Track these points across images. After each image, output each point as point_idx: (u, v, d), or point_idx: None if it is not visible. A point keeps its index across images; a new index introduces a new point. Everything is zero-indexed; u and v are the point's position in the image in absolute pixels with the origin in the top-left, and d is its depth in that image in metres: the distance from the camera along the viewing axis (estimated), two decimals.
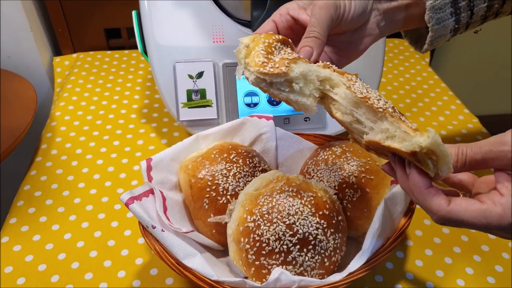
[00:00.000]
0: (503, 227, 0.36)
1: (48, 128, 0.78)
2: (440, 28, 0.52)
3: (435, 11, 0.50)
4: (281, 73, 0.41)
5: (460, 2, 0.50)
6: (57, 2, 0.94)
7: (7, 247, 0.58)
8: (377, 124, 0.40)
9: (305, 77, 0.43)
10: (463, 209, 0.37)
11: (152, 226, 0.46)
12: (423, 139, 0.36)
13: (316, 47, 0.46)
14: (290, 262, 0.46)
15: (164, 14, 0.70)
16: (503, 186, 0.37)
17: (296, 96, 0.43)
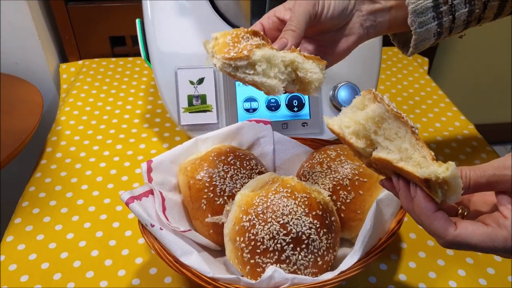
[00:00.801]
0: (508, 249, 0.37)
1: (53, 132, 0.80)
2: (423, 32, 0.53)
3: (417, 15, 0.51)
4: (243, 56, 0.44)
5: (442, 6, 0.51)
6: (64, 11, 0.96)
7: (12, 246, 0.60)
8: (395, 143, 0.40)
9: (269, 60, 0.45)
10: (470, 233, 0.37)
11: (151, 225, 0.47)
12: (441, 170, 0.35)
13: (291, 39, 0.48)
14: (284, 260, 0.48)
15: (166, 22, 0.71)
16: (506, 208, 0.38)
17: (261, 78, 0.45)
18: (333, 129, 0.42)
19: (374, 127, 0.40)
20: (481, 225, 0.38)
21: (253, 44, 0.45)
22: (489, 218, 0.38)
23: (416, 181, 0.38)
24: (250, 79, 0.45)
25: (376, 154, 0.40)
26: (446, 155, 0.77)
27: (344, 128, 0.41)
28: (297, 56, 0.46)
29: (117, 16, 1.00)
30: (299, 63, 0.46)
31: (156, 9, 0.72)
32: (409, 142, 0.39)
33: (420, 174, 0.36)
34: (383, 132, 0.40)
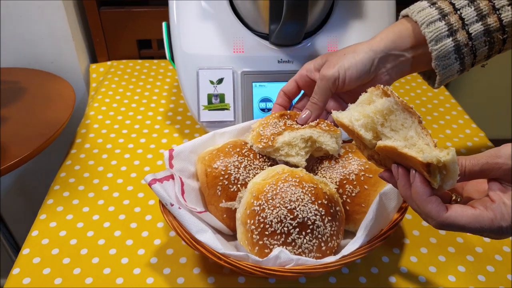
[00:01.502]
0: (494, 229, 0.41)
1: (83, 125, 0.86)
2: (447, 72, 0.57)
3: (440, 59, 0.56)
4: (268, 146, 0.58)
5: (463, 48, 0.55)
6: (96, 15, 1.03)
7: (45, 223, 0.65)
8: (401, 132, 0.43)
9: (289, 144, 0.59)
10: (459, 214, 0.41)
11: (171, 204, 0.52)
12: (443, 154, 0.39)
13: (313, 111, 0.60)
14: (290, 243, 0.52)
15: (190, 26, 0.76)
16: (495, 193, 0.41)
17: (286, 158, 0.59)
18: (342, 122, 0.47)
19: (381, 119, 0.45)
20: (470, 208, 0.41)
21: (275, 132, 0.59)
22: (478, 202, 0.42)
23: (418, 167, 0.41)
24: (280, 158, 0.60)
25: (382, 143, 0.44)
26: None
27: (354, 121, 0.46)
28: (313, 132, 0.59)
29: (144, 21, 1.06)
30: (315, 138, 0.59)
31: (181, 13, 0.77)
32: (415, 131, 0.43)
33: (423, 158, 0.39)
34: (390, 123, 0.44)
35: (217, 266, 0.59)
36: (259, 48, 0.75)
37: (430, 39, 0.55)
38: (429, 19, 0.55)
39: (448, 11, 0.55)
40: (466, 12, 0.54)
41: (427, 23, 0.55)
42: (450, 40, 0.55)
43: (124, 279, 0.57)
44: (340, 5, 0.78)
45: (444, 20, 0.55)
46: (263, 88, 0.75)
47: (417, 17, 0.56)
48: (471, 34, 0.54)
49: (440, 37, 0.55)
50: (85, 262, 0.60)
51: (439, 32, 0.55)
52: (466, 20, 0.54)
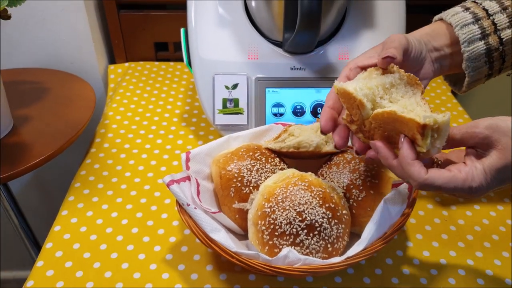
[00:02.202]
0: (465, 189, 0.46)
1: (101, 125, 0.90)
2: (476, 74, 0.60)
3: (471, 61, 0.58)
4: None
5: (493, 52, 0.58)
6: (116, 18, 1.06)
7: (66, 219, 0.69)
8: (400, 102, 0.48)
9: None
10: (436, 176, 0.46)
11: (187, 204, 0.55)
12: (440, 116, 0.44)
13: (398, 53, 0.52)
14: (298, 244, 0.55)
15: (207, 32, 0.79)
16: (469, 158, 0.47)
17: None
18: (347, 89, 0.49)
19: (382, 92, 0.50)
20: (446, 171, 0.47)
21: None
22: (454, 166, 0.47)
23: (412, 130, 0.45)
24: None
25: (381, 110, 0.47)
26: None
27: (359, 89, 0.49)
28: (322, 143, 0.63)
29: (162, 24, 1.09)
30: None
31: (199, 19, 0.80)
32: (415, 100, 0.48)
33: (423, 119, 0.43)
34: (390, 96, 0.49)
35: (229, 263, 0.62)
36: (273, 55, 0.79)
37: (463, 40, 0.57)
38: (463, 22, 0.57)
39: (481, 16, 0.57)
40: (498, 18, 0.57)
41: (461, 25, 0.57)
42: (482, 43, 0.57)
43: (141, 274, 0.61)
44: (352, 15, 0.81)
45: (478, 24, 0.57)
46: (276, 94, 0.78)
47: (451, 19, 0.58)
48: (502, 39, 0.57)
49: (473, 39, 0.57)
50: (105, 257, 0.63)
51: (472, 34, 0.57)
52: (498, 26, 0.57)
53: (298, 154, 0.64)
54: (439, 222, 0.71)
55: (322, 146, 0.64)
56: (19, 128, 0.79)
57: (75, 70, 1.05)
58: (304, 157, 0.67)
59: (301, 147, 0.63)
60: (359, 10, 0.81)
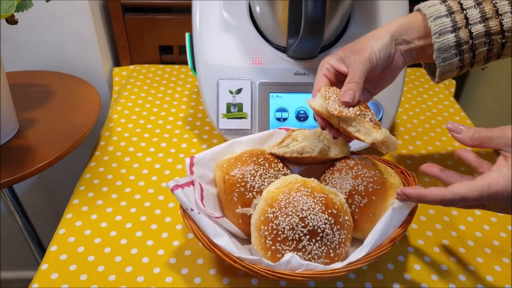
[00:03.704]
0: (491, 195, 0.47)
1: (106, 128, 0.91)
2: (446, 65, 0.62)
3: (441, 52, 0.61)
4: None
5: (463, 45, 0.60)
6: (121, 21, 1.07)
7: (71, 222, 0.70)
8: (354, 124, 0.59)
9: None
10: (457, 187, 0.49)
11: (191, 209, 0.56)
12: (378, 134, 0.57)
13: (357, 90, 0.60)
14: (301, 249, 0.55)
15: (212, 37, 0.80)
16: (496, 164, 0.48)
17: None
18: (315, 108, 0.61)
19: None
20: (468, 180, 0.51)
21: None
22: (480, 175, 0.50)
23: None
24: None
25: (341, 126, 0.61)
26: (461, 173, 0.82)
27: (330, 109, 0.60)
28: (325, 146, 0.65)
29: (167, 28, 1.10)
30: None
31: (204, 24, 0.81)
32: (356, 122, 0.59)
33: (368, 141, 0.58)
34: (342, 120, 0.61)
35: (232, 268, 0.63)
36: (277, 60, 0.79)
37: (434, 32, 0.60)
38: (436, 14, 0.60)
39: (455, 10, 0.59)
40: (471, 12, 0.59)
41: (434, 17, 0.60)
42: (453, 36, 0.59)
43: (145, 278, 0.61)
44: (355, 20, 0.81)
45: (450, 17, 0.59)
46: (280, 98, 0.79)
47: (426, 11, 0.61)
48: (472, 33, 0.59)
49: (443, 31, 0.59)
50: (109, 260, 0.64)
51: (444, 27, 0.59)
52: (470, 20, 0.59)
53: (302, 159, 0.65)
54: (440, 228, 0.71)
55: (325, 151, 0.64)
56: (25, 131, 0.80)
57: (81, 73, 1.06)
58: (307, 163, 0.67)
59: (305, 152, 0.64)
60: (362, 15, 0.82)
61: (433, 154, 0.87)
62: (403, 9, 0.82)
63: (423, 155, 0.87)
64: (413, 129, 0.95)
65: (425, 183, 0.80)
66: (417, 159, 0.86)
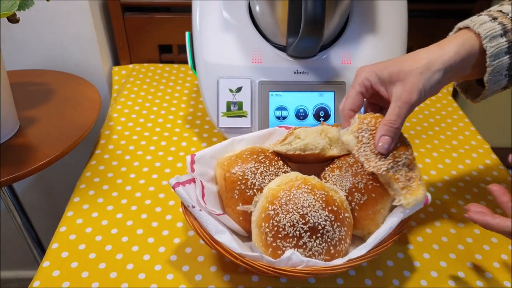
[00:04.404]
0: None
1: (106, 127, 0.91)
2: (495, 86, 0.59)
3: (494, 75, 0.57)
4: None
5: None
6: (121, 20, 1.07)
7: (72, 220, 0.70)
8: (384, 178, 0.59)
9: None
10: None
11: (192, 206, 0.56)
12: (405, 202, 0.57)
13: (395, 137, 0.57)
14: (301, 246, 0.56)
15: (212, 36, 0.80)
16: None
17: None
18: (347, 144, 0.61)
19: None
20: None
21: None
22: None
23: None
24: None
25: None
26: (460, 171, 0.83)
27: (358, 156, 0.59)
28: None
29: (166, 27, 1.10)
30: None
31: (204, 23, 0.81)
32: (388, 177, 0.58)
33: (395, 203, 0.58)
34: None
35: (232, 265, 0.63)
36: (277, 59, 0.80)
37: (490, 54, 0.55)
38: (492, 33, 0.55)
39: (510, 28, 0.55)
40: None
41: (490, 37, 0.55)
42: (507, 57, 0.55)
43: (146, 275, 0.62)
44: (355, 19, 0.82)
45: (506, 36, 0.55)
46: (279, 97, 0.79)
47: (480, 29, 0.56)
48: None
49: (499, 53, 0.55)
50: (110, 257, 0.64)
51: (500, 48, 0.55)
52: None
53: (303, 157, 0.65)
54: (440, 225, 0.72)
55: (327, 149, 0.65)
56: (25, 129, 0.80)
57: (80, 72, 1.06)
58: (308, 161, 0.68)
59: (307, 150, 0.64)
60: (361, 15, 0.82)
61: (431, 153, 0.88)
62: (402, 8, 0.83)
63: (422, 154, 0.87)
64: (412, 127, 0.95)
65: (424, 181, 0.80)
66: (416, 157, 0.85)
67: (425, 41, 1.07)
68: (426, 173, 0.82)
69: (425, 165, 0.84)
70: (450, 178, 0.81)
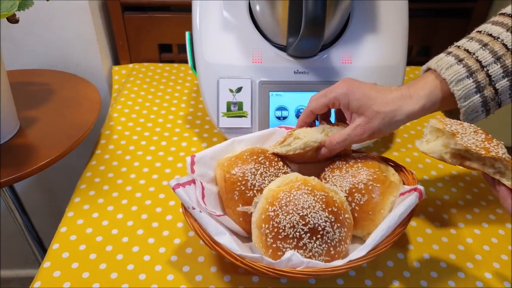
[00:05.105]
0: None
1: (106, 126, 0.91)
2: (473, 121, 0.61)
3: (468, 114, 0.59)
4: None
5: (490, 102, 0.58)
6: (121, 19, 1.07)
7: (72, 220, 0.70)
8: (497, 165, 0.52)
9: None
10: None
11: (192, 207, 0.56)
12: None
13: (332, 152, 0.65)
14: (301, 247, 0.56)
15: (212, 36, 0.80)
16: None
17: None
18: (431, 152, 0.57)
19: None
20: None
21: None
22: None
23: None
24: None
25: (466, 165, 0.54)
26: (460, 171, 0.83)
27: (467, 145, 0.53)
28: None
29: (166, 26, 1.10)
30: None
31: (204, 23, 0.81)
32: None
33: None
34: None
35: (233, 265, 0.63)
36: (277, 59, 0.79)
37: (459, 97, 0.58)
38: (457, 77, 0.57)
39: (475, 69, 0.57)
40: (493, 69, 0.57)
41: (456, 81, 0.58)
42: (478, 96, 0.57)
43: (146, 275, 0.62)
44: (355, 19, 0.82)
45: (472, 77, 0.57)
46: (280, 97, 0.79)
47: (445, 74, 0.58)
48: (497, 89, 0.57)
49: (468, 94, 0.57)
50: (110, 258, 0.64)
51: (468, 90, 0.57)
52: (493, 77, 0.57)
53: (303, 156, 0.65)
54: (440, 226, 0.72)
55: None
56: (25, 129, 0.80)
57: (80, 72, 1.06)
58: (309, 161, 0.68)
59: (307, 147, 0.64)
60: (362, 14, 0.82)
61: None
62: (403, 8, 0.83)
63: (422, 154, 0.87)
64: (412, 127, 0.95)
65: (424, 181, 0.80)
66: (416, 157, 0.86)
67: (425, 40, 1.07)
68: (427, 173, 0.82)
69: (426, 165, 0.84)
70: (450, 178, 0.81)
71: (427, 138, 0.58)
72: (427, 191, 0.78)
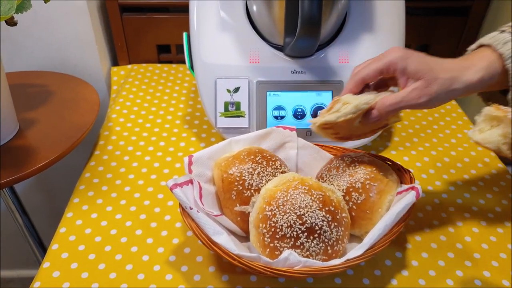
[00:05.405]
0: None
1: (105, 127, 0.91)
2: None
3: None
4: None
5: None
6: (119, 20, 1.07)
7: (71, 221, 0.70)
8: None
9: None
10: None
11: (190, 208, 0.57)
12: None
13: (384, 116, 0.60)
14: (299, 246, 0.56)
15: (209, 37, 0.80)
16: None
17: None
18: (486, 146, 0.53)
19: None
20: None
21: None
22: None
23: None
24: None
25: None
26: (458, 169, 0.83)
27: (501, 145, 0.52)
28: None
29: (164, 27, 1.10)
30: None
31: (201, 23, 0.81)
32: None
33: None
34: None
35: (231, 265, 0.63)
36: (274, 59, 0.80)
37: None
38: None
39: None
40: None
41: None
42: None
43: (145, 275, 0.62)
44: (352, 18, 0.82)
45: None
46: (277, 97, 0.80)
47: (503, 49, 0.57)
48: None
49: None
50: (109, 258, 0.64)
51: None
52: None
53: (350, 126, 0.62)
54: (438, 224, 0.72)
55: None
56: (25, 131, 0.80)
57: (79, 73, 1.07)
58: (354, 134, 0.65)
59: (359, 110, 0.59)
60: (359, 13, 0.82)
61: (430, 151, 0.88)
62: (399, 7, 0.83)
63: (420, 152, 0.88)
64: (411, 126, 0.95)
65: (422, 180, 0.80)
66: (414, 156, 0.86)
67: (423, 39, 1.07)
68: (425, 172, 0.82)
69: (424, 163, 0.85)
70: (448, 177, 0.82)
71: (481, 126, 0.54)
72: (425, 190, 0.78)
